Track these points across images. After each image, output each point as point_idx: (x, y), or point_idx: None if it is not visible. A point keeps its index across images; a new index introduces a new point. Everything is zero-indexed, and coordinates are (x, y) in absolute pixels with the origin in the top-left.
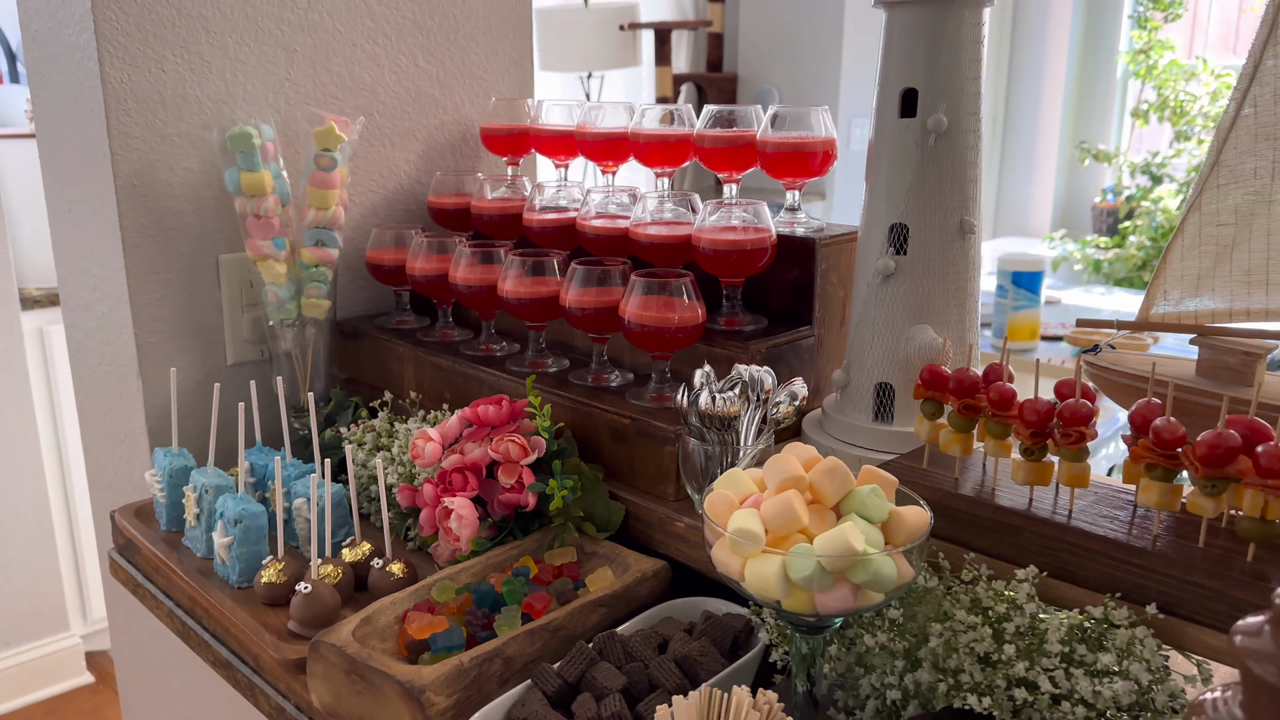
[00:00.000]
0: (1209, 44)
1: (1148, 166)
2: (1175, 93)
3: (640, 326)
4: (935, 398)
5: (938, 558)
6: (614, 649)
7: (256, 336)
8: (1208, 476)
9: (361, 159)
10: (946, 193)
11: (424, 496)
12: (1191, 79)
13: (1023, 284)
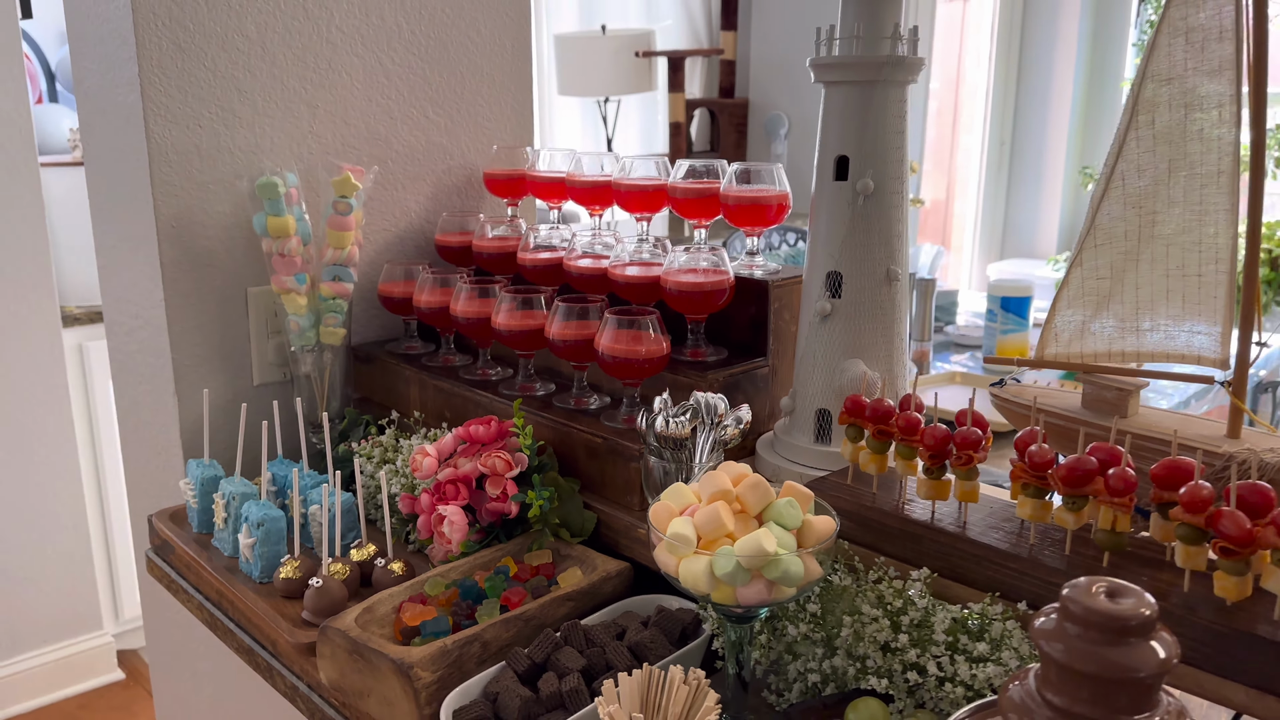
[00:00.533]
0: None
1: None
2: None
3: (612, 358)
4: (856, 424)
5: (854, 560)
6: (577, 636)
7: (280, 360)
8: (1068, 494)
9: (376, 201)
10: (874, 245)
11: (421, 504)
12: None
13: (1011, 309)
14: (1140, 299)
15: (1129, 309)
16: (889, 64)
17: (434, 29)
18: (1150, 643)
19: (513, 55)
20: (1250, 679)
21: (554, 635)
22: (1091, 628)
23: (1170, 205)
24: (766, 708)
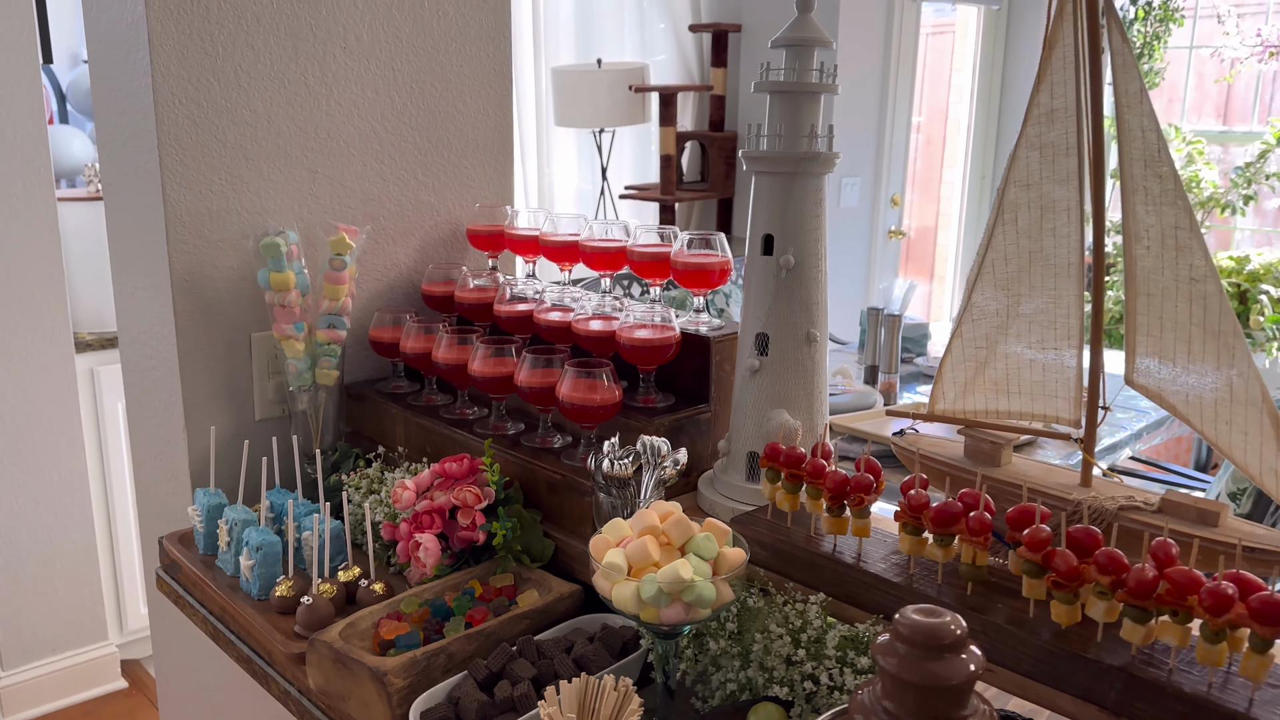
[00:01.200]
0: (1184, 112)
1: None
2: None
3: (571, 404)
4: (773, 467)
5: (768, 585)
6: (530, 649)
7: (279, 398)
8: (937, 533)
9: (369, 254)
10: (796, 312)
11: (401, 532)
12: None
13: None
14: (1009, 367)
15: (1000, 375)
16: (806, 159)
17: (424, 101)
18: (961, 656)
19: (495, 123)
20: (1077, 691)
21: (509, 649)
22: (915, 645)
23: (1031, 290)
24: (693, 712)
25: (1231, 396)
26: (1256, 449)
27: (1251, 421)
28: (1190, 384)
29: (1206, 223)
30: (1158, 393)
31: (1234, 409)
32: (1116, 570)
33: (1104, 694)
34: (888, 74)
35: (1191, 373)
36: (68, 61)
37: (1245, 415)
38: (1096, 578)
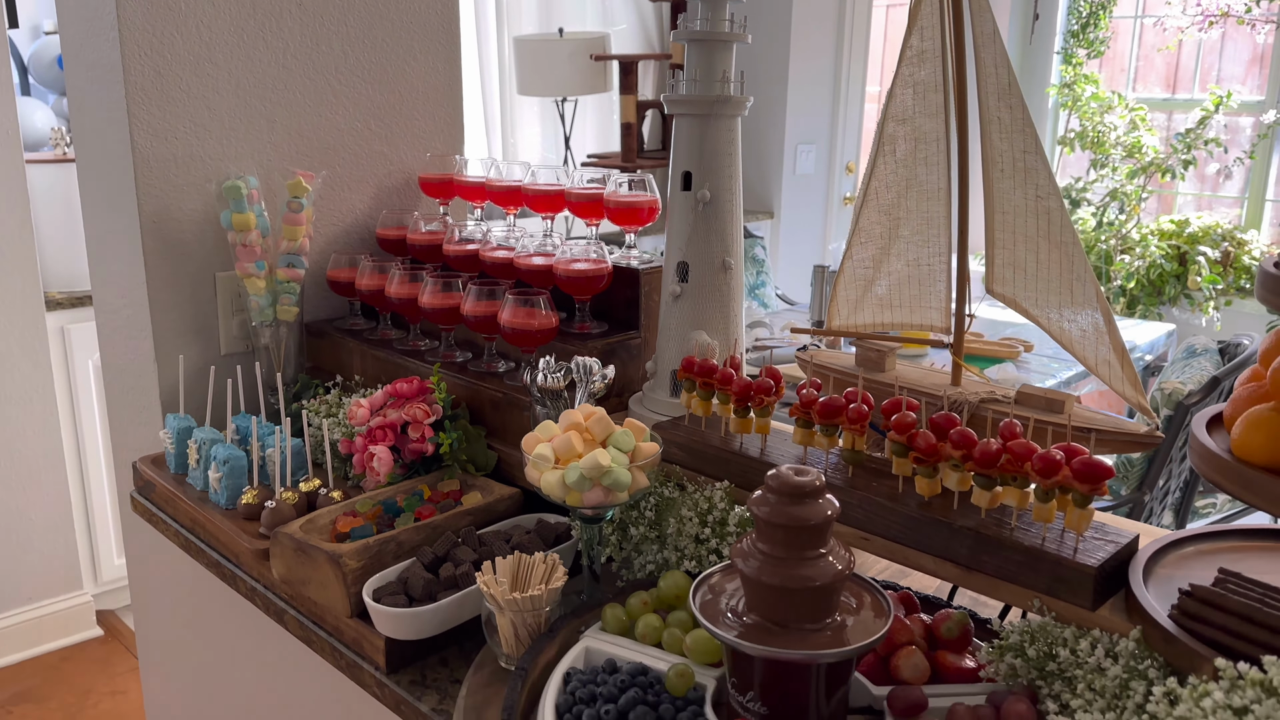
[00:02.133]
0: (1129, 80)
1: (1069, 191)
2: (1095, 124)
3: (511, 329)
4: (689, 378)
5: (683, 480)
6: (472, 538)
7: (243, 334)
8: (824, 424)
9: (325, 200)
10: (712, 242)
11: (356, 446)
12: (1109, 111)
13: None
14: (891, 284)
15: (885, 291)
16: (719, 101)
17: (375, 55)
18: (819, 501)
19: (445, 76)
20: (936, 551)
21: (454, 537)
22: (782, 494)
23: (909, 214)
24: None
25: (1073, 299)
26: (1093, 343)
27: (1088, 320)
28: (1039, 290)
29: (1149, 187)
30: (1013, 299)
31: (1074, 309)
32: (967, 445)
33: (957, 551)
34: (842, 44)
35: (1040, 279)
36: (29, 34)
37: (1083, 315)
38: (951, 453)
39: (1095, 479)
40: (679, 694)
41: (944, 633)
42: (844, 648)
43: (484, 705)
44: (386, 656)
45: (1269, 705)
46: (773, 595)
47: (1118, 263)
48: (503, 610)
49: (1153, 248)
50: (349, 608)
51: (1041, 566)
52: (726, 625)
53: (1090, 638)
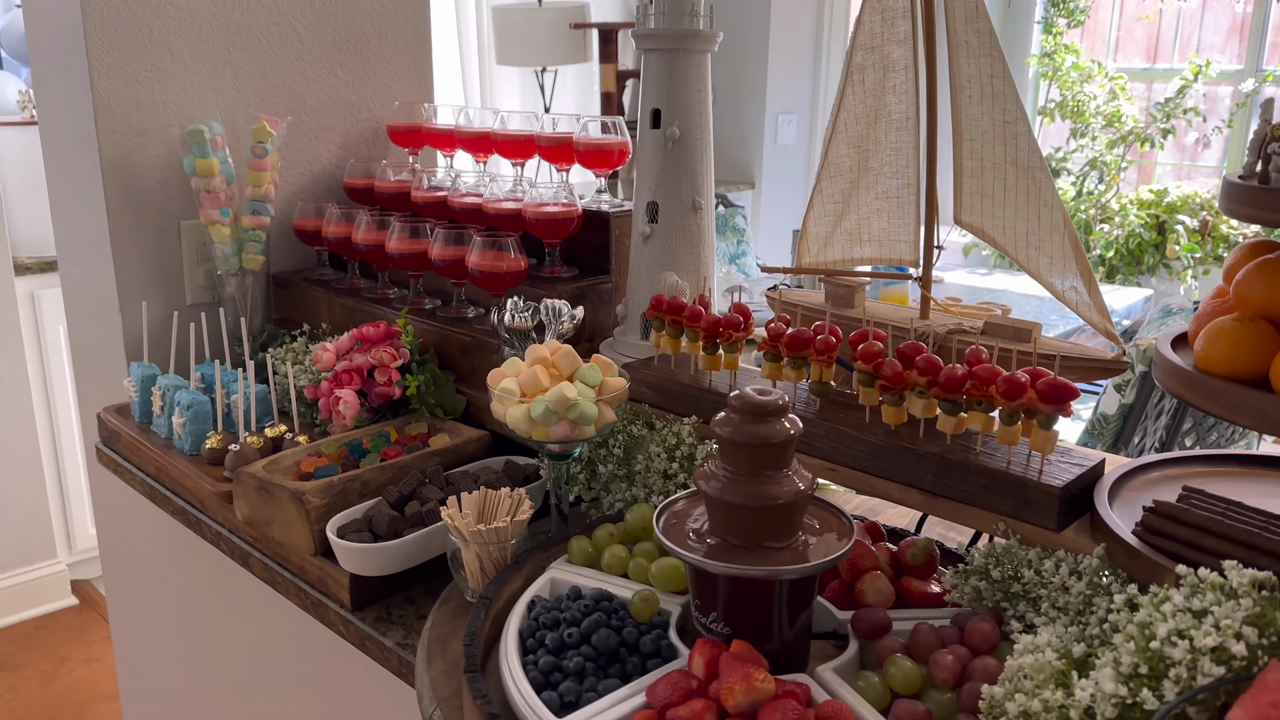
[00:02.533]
0: (1109, 49)
1: (1049, 161)
2: (1075, 93)
3: (479, 272)
4: (659, 316)
5: (651, 418)
6: (438, 478)
7: (209, 284)
8: (791, 356)
9: (292, 149)
10: (682, 181)
11: (322, 390)
12: (1089, 80)
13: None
14: (861, 217)
15: (854, 225)
16: (689, 35)
17: (342, 1)
18: (782, 421)
19: (413, 22)
20: (902, 478)
21: (419, 475)
22: (745, 413)
23: (878, 145)
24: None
25: (1039, 225)
26: (1060, 269)
27: (1055, 246)
28: (1006, 216)
29: (1128, 157)
30: (981, 229)
31: (1041, 236)
32: (933, 371)
33: (923, 478)
34: (822, 12)
35: (1007, 205)
36: (0, 7)
37: (1051, 241)
38: (917, 380)
39: (1060, 400)
40: (643, 619)
41: (909, 559)
42: (806, 564)
43: (449, 637)
44: (351, 594)
45: (1228, 607)
46: (735, 515)
47: (1097, 232)
48: (468, 544)
49: (1132, 217)
50: (313, 546)
51: (1006, 489)
52: (689, 546)
53: (1055, 558)
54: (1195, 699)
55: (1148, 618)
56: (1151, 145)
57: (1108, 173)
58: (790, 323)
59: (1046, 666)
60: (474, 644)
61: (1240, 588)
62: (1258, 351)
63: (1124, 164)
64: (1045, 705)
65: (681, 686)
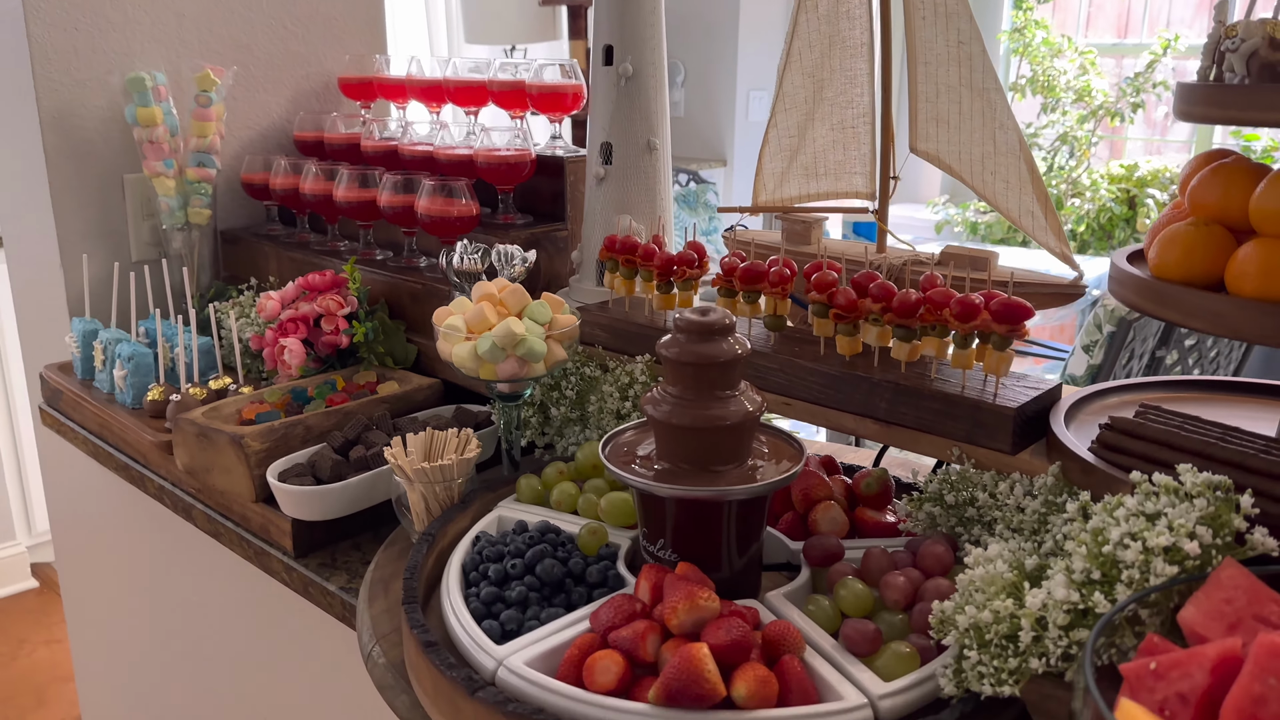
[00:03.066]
0: (1079, 24)
1: None
2: (1045, 69)
3: (430, 217)
4: (612, 257)
5: (605, 360)
6: (385, 423)
7: (154, 241)
8: (745, 289)
9: (240, 102)
10: (636, 120)
11: (266, 340)
12: (1059, 55)
13: (861, 232)
14: (817, 150)
15: (810, 158)
16: None
17: None
18: (728, 339)
19: None
20: (856, 408)
21: (365, 420)
22: (689, 331)
23: (832, 74)
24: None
25: (995, 149)
26: (1016, 194)
27: (1011, 170)
28: (962, 142)
29: (1099, 132)
30: (936, 156)
31: (998, 160)
32: (886, 297)
33: (877, 406)
34: None
35: (963, 130)
36: None
37: (1007, 165)
38: (871, 307)
39: (1014, 319)
40: (591, 552)
41: (864, 489)
42: (754, 483)
43: (392, 578)
44: (294, 539)
45: (1182, 508)
46: (683, 438)
47: (1068, 207)
48: (412, 484)
49: (1103, 191)
50: (253, 492)
51: (960, 412)
52: (636, 472)
53: (1010, 480)
54: (1147, 601)
55: (1101, 524)
56: (1121, 120)
57: (1078, 148)
58: (745, 259)
59: (998, 579)
60: (414, 578)
61: (1194, 488)
62: (1212, 256)
63: (1094, 139)
64: (996, 616)
65: (625, 609)
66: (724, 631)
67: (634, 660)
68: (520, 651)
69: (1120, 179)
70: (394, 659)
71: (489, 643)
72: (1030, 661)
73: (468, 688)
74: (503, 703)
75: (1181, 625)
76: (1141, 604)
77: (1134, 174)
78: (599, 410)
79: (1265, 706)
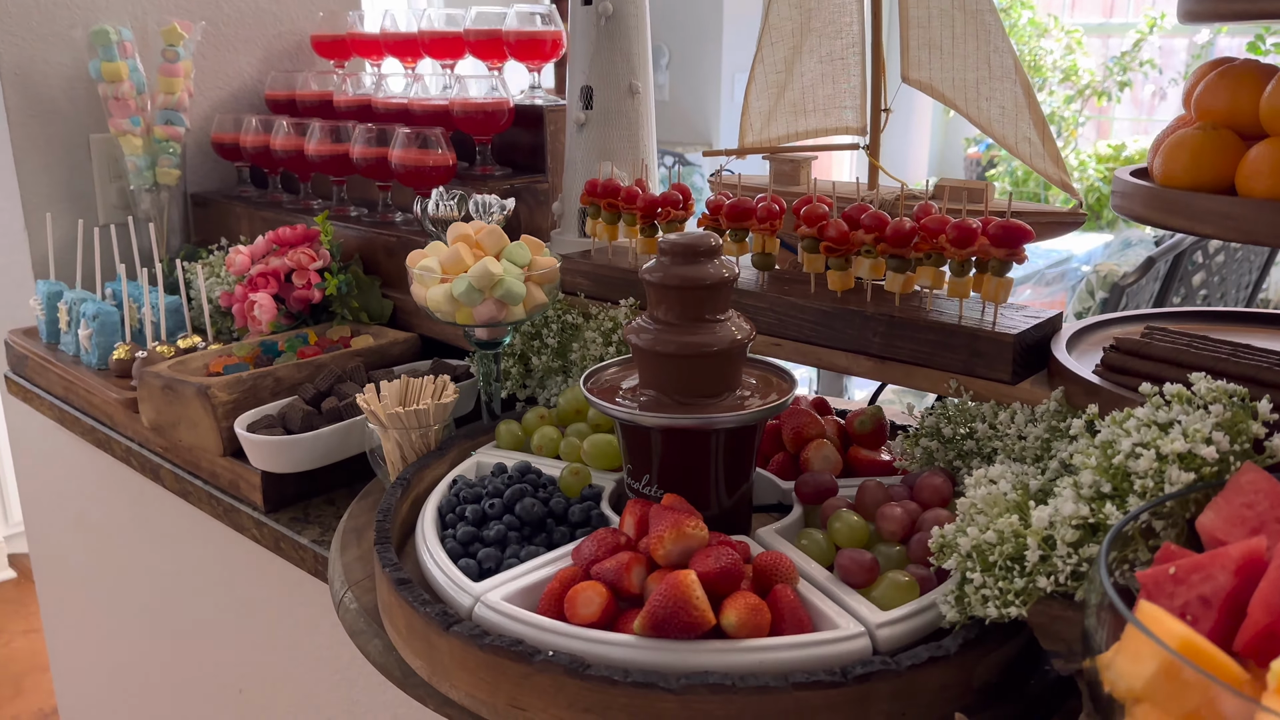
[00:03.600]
0: (1065, 3)
1: None
2: (1032, 48)
3: (404, 168)
4: (594, 202)
5: (588, 308)
6: (359, 375)
7: (122, 203)
8: (732, 227)
9: (210, 61)
10: (618, 62)
11: (236, 296)
12: (1045, 35)
13: None
14: (805, 85)
15: (798, 94)
16: None
17: None
18: (715, 261)
19: None
20: (849, 344)
21: (337, 371)
22: (673, 254)
23: (820, 3)
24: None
25: (990, 73)
26: (1012, 120)
27: (1007, 95)
28: (955, 68)
29: (1085, 112)
30: (929, 84)
31: (992, 85)
32: (879, 228)
33: (870, 341)
34: None
35: (956, 55)
36: None
37: (1002, 89)
38: (863, 239)
39: (1013, 242)
40: (573, 494)
41: (857, 427)
42: (741, 411)
43: (366, 527)
44: (264, 494)
45: (1197, 415)
46: (668, 366)
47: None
48: (386, 430)
49: (1090, 171)
50: (221, 445)
51: (957, 343)
52: (620, 404)
53: (1010, 410)
54: (1162, 510)
55: (1110, 436)
56: (1109, 99)
57: (1065, 128)
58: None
59: (1001, 499)
60: (387, 519)
61: (1209, 394)
62: (1221, 159)
63: (1082, 119)
64: (1000, 536)
65: (609, 542)
66: (712, 559)
67: (618, 592)
68: (499, 588)
69: (1108, 159)
70: (367, 604)
71: (465, 580)
72: (1038, 580)
73: (442, 623)
74: (479, 636)
75: (1200, 531)
76: (1156, 514)
77: (1121, 153)
78: (582, 358)
79: None
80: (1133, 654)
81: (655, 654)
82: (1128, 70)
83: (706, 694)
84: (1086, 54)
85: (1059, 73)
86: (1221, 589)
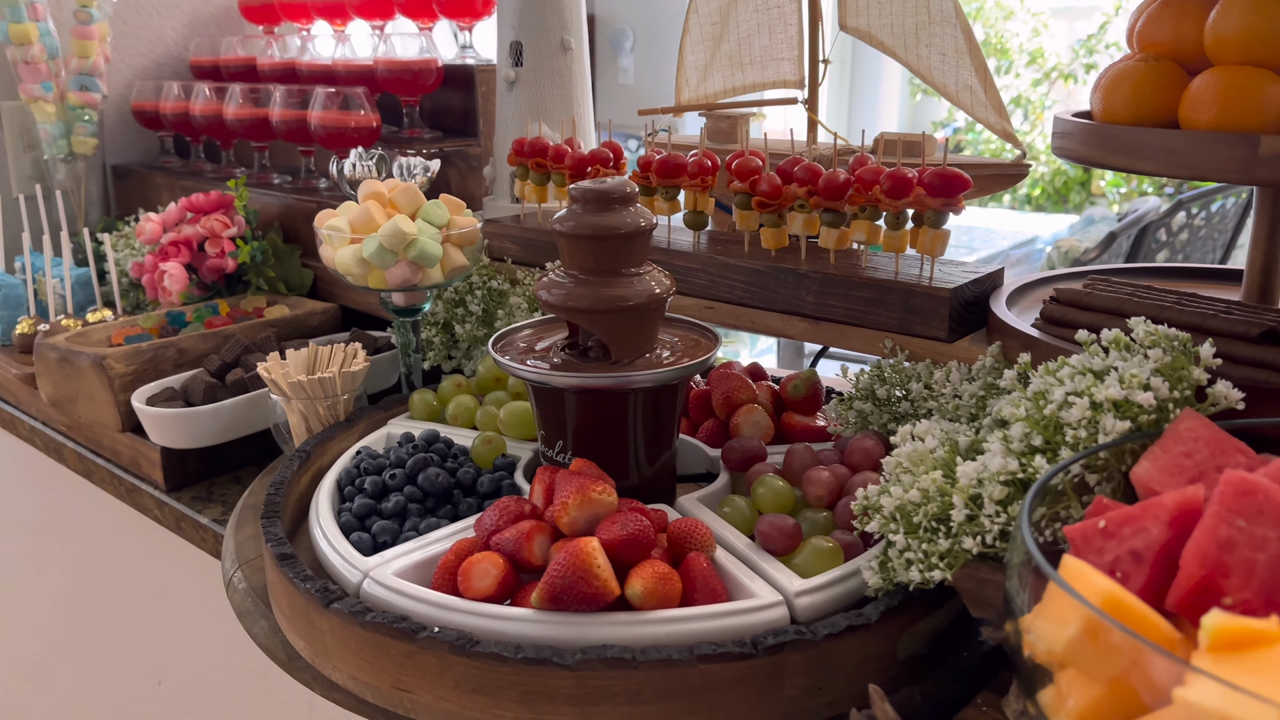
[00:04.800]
0: None
1: None
2: (997, 31)
3: (324, 129)
4: (521, 161)
5: (516, 274)
6: (270, 345)
7: (36, 174)
8: (663, 184)
9: (131, 26)
10: (549, 18)
11: (147, 265)
12: (1010, 18)
13: None
14: (741, 36)
15: (734, 46)
16: None
17: None
18: (630, 209)
19: None
20: (782, 306)
21: (244, 342)
22: (585, 201)
23: None
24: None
25: (930, 18)
26: (953, 67)
27: (947, 40)
28: (894, 13)
29: (1052, 95)
30: (867, 32)
31: (932, 30)
32: (813, 180)
33: (804, 301)
34: None
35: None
36: None
37: (942, 35)
38: (797, 193)
39: (950, 191)
40: (486, 464)
41: (790, 392)
42: (659, 369)
43: None
44: (164, 471)
45: (1135, 361)
46: (582, 323)
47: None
48: (290, 402)
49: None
50: (119, 420)
51: (892, 299)
52: (531, 366)
53: (945, 369)
54: (1096, 463)
55: (1042, 386)
56: (1075, 82)
57: (1032, 110)
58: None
59: (927, 456)
60: (279, 493)
61: (1148, 338)
62: (1164, 91)
63: (1048, 102)
64: (925, 494)
65: (512, 511)
66: (619, 526)
67: (519, 564)
68: (391, 563)
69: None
70: (256, 584)
71: (355, 555)
72: (964, 542)
73: (322, 600)
74: (360, 613)
75: (1135, 483)
76: (1089, 467)
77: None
78: (508, 325)
79: (1233, 552)
80: (1054, 615)
81: (553, 628)
82: (1094, 53)
83: (604, 669)
84: (1053, 36)
85: (1025, 55)
86: (1154, 542)
